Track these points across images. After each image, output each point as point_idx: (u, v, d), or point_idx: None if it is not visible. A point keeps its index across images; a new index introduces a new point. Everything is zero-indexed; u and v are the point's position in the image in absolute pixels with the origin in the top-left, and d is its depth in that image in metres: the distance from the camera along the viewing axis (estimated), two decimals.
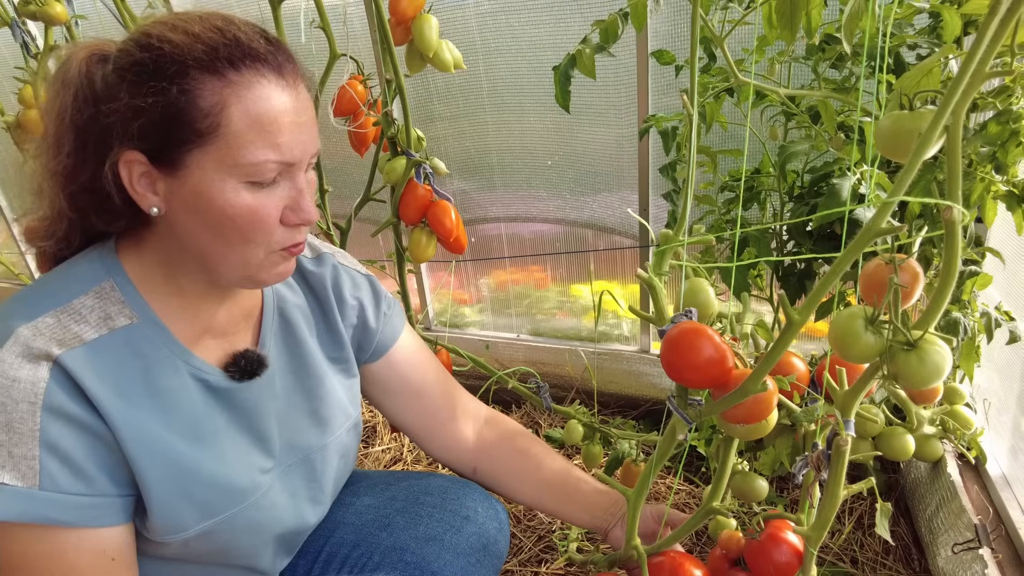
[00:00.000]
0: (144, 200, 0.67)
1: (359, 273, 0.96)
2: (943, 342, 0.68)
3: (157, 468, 0.70)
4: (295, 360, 0.86)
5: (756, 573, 0.86)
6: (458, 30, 1.74)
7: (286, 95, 0.66)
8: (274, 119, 0.65)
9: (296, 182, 0.69)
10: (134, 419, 0.68)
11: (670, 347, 0.79)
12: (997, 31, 0.60)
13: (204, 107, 0.63)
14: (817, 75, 1.21)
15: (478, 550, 0.96)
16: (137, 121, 0.63)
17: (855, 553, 1.40)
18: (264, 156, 0.65)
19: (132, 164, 0.65)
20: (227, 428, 0.77)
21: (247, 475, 0.79)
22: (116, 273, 0.70)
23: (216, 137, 0.63)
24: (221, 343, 0.79)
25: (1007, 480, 1.25)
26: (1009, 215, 1.10)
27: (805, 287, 1.30)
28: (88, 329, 0.66)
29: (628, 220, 1.87)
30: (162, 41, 0.63)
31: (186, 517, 0.73)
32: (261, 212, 0.67)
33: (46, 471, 0.63)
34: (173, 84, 0.62)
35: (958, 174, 0.67)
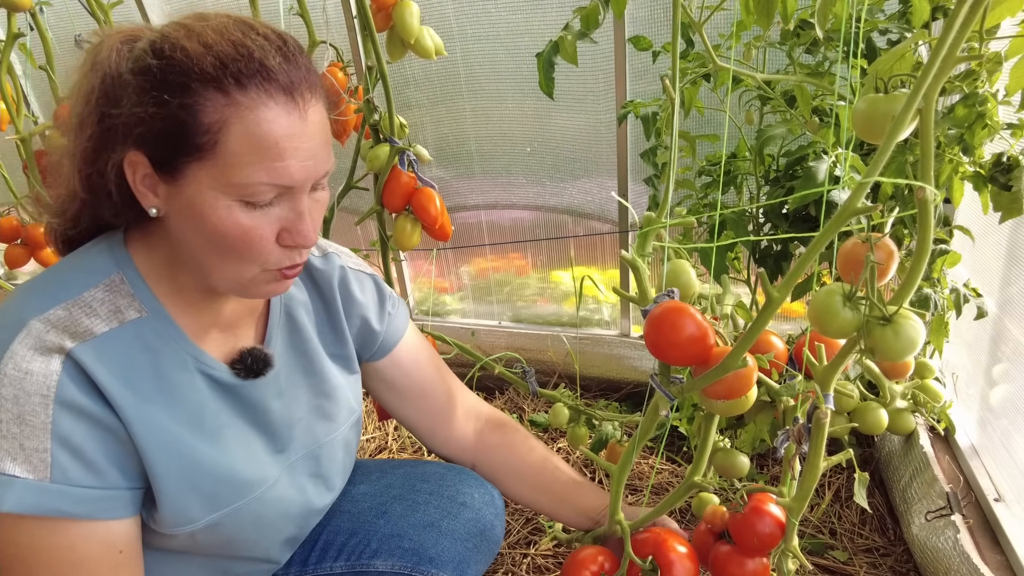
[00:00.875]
0: (145, 200, 0.67)
1: (364, 273, 0.96)
2: (916, 316, 0.71)
3: (166, 461, 0.70)
4: (301, 358, 0.87)
5: (741, 545, 0.89)
6: (434, 16, 1.73)
7: (292, 117, 0.64)
8: (275, 143, 0.63)
9: (296, 204, 0.68)
10: (144, 412, 0.68)
11: (653, 326, 0.81)
12: (966, 18, 0.62)
13: (205, 123, 0.62)
14: (792, 60, 1.24)
15: (475, 535, 0.97)
16: (140, 127, 0.63)
17: (833, 525, 1.44)
18: (259, 178, 0.64)
19: (137, 165, 0.65)
20: (233, 422, 0.78)
21: (253, 468, 0.79)
22: (125, 266, 0.70)
23: (214, 154, 0.63)
24: (227, 338, 0.79)
25: (976, 450, 1.30)
26: (976, 195, 1.14)
27: (781, 268, 1.33)
28: (99, 322, 0.67)
29: (606, 206, 1.89)
30: (174, 50, 0.62)
31: (194, 510, 0.73)
32: (253, 233, 0.66)
33: (57, 464, 0.63)
34: (175, 97, 0.62)
35: (930, 155, 0.70)
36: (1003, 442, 1.21)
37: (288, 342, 0.85)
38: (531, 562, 1.43)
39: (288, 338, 0.85)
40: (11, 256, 1.81)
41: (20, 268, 1.87)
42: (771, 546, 0.86)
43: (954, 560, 1.10)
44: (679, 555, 0.88)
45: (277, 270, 0.70)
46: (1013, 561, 1.06)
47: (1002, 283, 1.24)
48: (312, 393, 0.88)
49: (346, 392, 0.93)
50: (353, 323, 0.93)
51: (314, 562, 0.97)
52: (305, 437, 0.87)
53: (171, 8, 2.02)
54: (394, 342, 0.99)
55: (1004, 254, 1.22)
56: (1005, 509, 1.14)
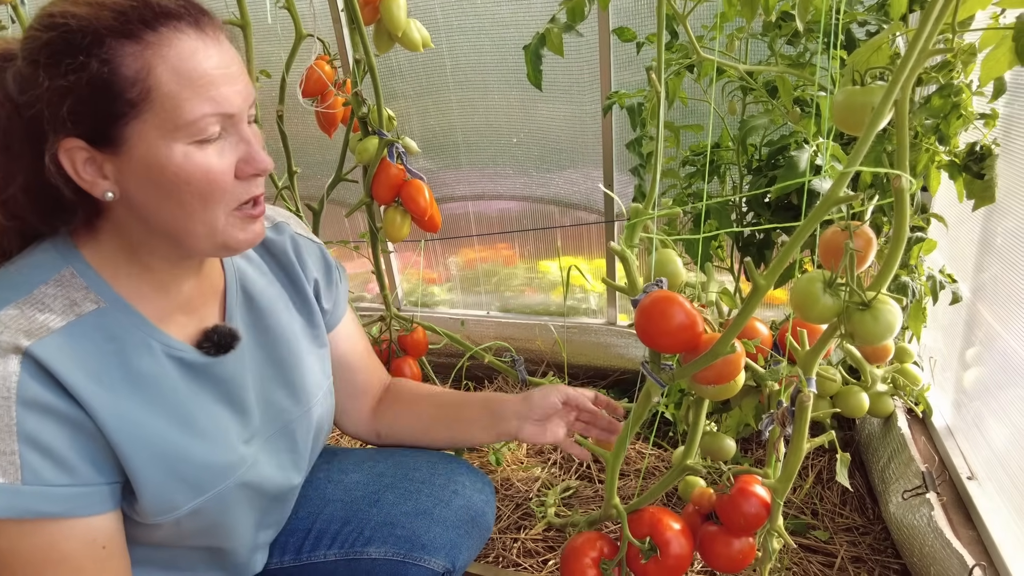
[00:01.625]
0: (96, 187, 0.64)
1: (311, 242, 0.95)
2: (894, 301, 0.74)
3: (142, 451, 0.69)
4: (262, 334, 0.85)
5: (727, 525, 0.92)
6: (420, 7, 1.73)
7: (210, 47, 0.64)
8: (204, 72, 0.63)
9: (241, 133, 0.68)
10: (114, 404, 0.67)
11: (644, 315, 0.83)
12: (940, 11, 0.65)
13: (129, 75, 0.60)
14: (773, 51, 1.26)
15: (466, 522, 0.99)
16: (65, 103, 0.60)
17: (815, 505, 1.49)
18: (202, 110, 0.63)
19: (73, 152, 0.63)
20: (207, 404, 0.77)
21: (232, 450, 0.79)
22: (74, 260, 0.68)
23: (150, 103, 0.61)
24: (191, 320, 0.78)
25: (951, 430, 1.34)
26: (952, 183, 1.17)
27: (765, 256, 1.36)
28: (54, 317, 0.64)
29: (592, 196, 1.91)
30: (67, 17, 0.60)
31: (176, 497, 0.73)
32: (214, 170, 0.65)
33: (28, 465, 0.62)
34: (91, 56, 0.59)
35: (906, 145, 0.72)
36: (976, 423, 1.25)
37: (248, 318, 0.84)
38: (521, 546, 1.46)
39: (247, 313, 0.84)
40: None
41: None
42: (757, 526, 0.89)
43: (928, 536, 1.14)
44: (675, 533, 0.91)
45: (242, 211, 0.69)
46: (984, 536, 1.10)
47: (975, 269, 1.28)
48: (279, 367, 0.86)
49: (314, 365, 0.91)
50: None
51: (308, 551, 0.98)
52: (277, 413, 0.86)
53: None
54: (340, 316, 0.99)
55: (977, 241, 1.26)
56: (977, 487, 1.18)
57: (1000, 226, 1.19)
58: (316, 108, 1.26)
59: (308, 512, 1.00)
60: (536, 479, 1.66)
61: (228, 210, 0.68)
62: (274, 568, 0.99)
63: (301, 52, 1.22)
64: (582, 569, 0.94)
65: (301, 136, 1.95)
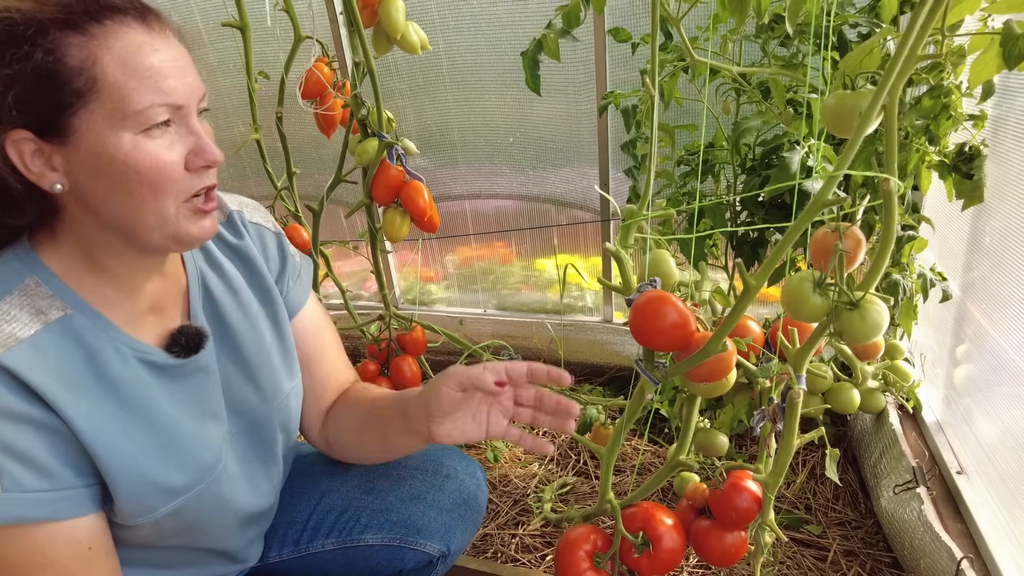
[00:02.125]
0: (44, 179, 0.64)
1: (271, 232, 0.93)
2: (881, 301, 0.76)
3: (116, 455, 0.69)
4: (226, 331, 0.84)
5: (720, 519, 0.94)
6: (416, 8, 1.75)
7: (157, 41, 0.65)
8: (151, 63, 0.64)
9: (191, 126, 0.68)
10: (87, 409, 0.67)
11: (638, 314, 0.85)
12: (927, 19, 0.67)
13: (75, 65, 0.61)
14: (766, 53, 1.28)
15: (459, 506, 1.01)
16: (10, 93, 0.60)
17: (808, 500, 1.51)
18: (149, 100, 0.63)
19: (20, 143, 0.62)
20: (180, 406, 0.76)
21: (207, 450, 0.79)
22: (37, 269, 0.68)
23: (97, 93, 0.62)
24: (157, 321, 0.77)
25: (941, 426, 1.36)
26: (942, 183, 1.19)
27: (758, 254, 1.38)
28: (21, 327, 0.65)
29: (588, 195, 1.92)
30: (10, 10, 0.61)
31: (153, 500, 0.73)
32: (163, 159, 0.66)
33: (7, 473, 0.62)
34: (36, 47, 0.60)
35: (894, 148, 0.74)
36: (965, 418, 1.27)
37: (210, 315, 0.83)
38: (519, 542, 1.48)
39: (210, 311, 0.83)
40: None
41: None
42: (749, 520, 0.91)
43: (918, 530, 1.16)
44: (667, 528, 0.93)
45: (193, 203, 0.70)
46: (972, 529, 1.12)
47: (965, 268, 1.30)
48: (244, 365, 0.86)
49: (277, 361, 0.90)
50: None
51: (306, 541, 1.00)
52: (243, 410, 0.86)
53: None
54: (297, 307, 0.95)
55: (967, 240, 1.28)
56: (966, 481, 1.21)
57: (989, 225, 1.21)
58: (315, 110, 1.27)
59: (306, 504, 1.01)
60: (534, 475, 1.68)
61: (178, 202, 0.68)
62: (273, 561, 1.01)
63: (300, 54, 1.24)
64: (576, 562, 0.96)
65: (298, 135, 1.97)
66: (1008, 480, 1.09)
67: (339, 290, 1.60)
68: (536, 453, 0.76)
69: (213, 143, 0.70)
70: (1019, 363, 1.08)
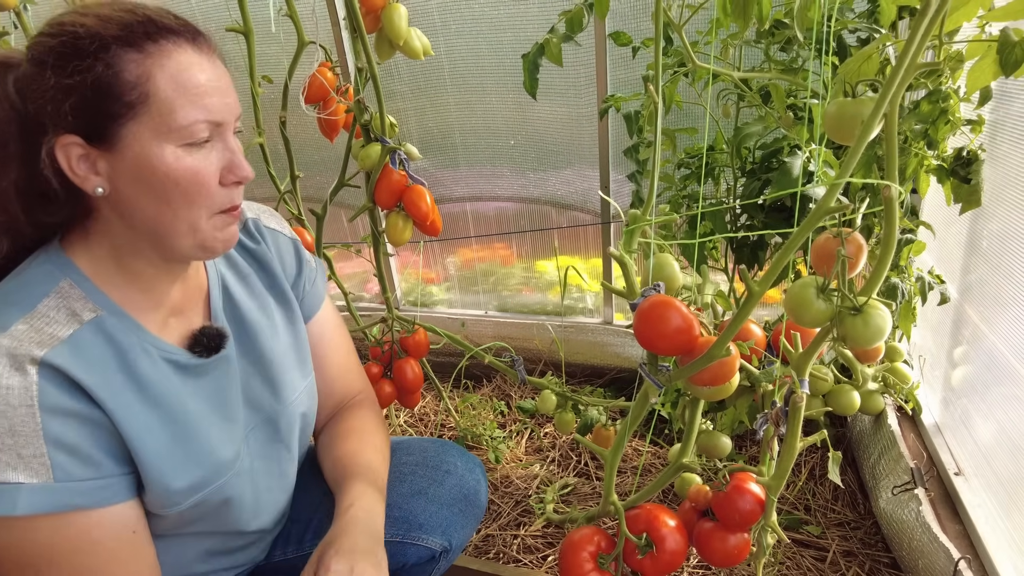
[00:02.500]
0: (87, 182, 0.68)
1: (287, 237, 0.97)
2: (884, 306, 0.77)
3: (147, 449, 0.73)
4: (243, 331, 0.88)
5: (723, 521, 0.95)
6: (418, 11, 1.75)
7: (204, 62, 0.70)
8: (198, 82, 0.69)
9: (228, 143, 0.73)
10: (122, 404, 0.71)
11: (642, 318, 0.86)
12: (927, 29, 0.68)
13: (130, 80, 0.66)
14: (768, 58, 1.29)
15: (460, 500, 1.02)
16: (68, 101, 0.65)
17: (808, 501, 1.52)
18: (194, 116, 0.68)
19: (69, 147, 0.67)
20: (201, 404, 0.81)
21: (228, 445, 0.83)
22: (70, 271, 0.72)
23: (147, 107, 0.66)
24: (180, 322, 0.81)
25: (939, 428, 1.38)
26: (940, 186, 1.20)
27: (758, 257, 1.39)
28: (60, 328, 0.69)
29: (588, 196, 1.93)
30: (76, 25, 0.65)
31: (177, 493, 0.77)
32: (202, 172, 0.70)
33: (57, 464, 0.66)
34: (97, 60, 0.65)
35: (895, 155, 0.75)
36: (963, 420, 1.28)
37: (230, 315, 0.87)
38: (521, 543, 1.49)
39: (230, 312, 0.87)
40: None
41: None
42: (752, 522, 0.92)
43: (916, 531, 1.18)
44: (670, 529, 0.94)
45: (223, 212, 0.74)
46: (970, 530, 1.14)
47: (962, 271, 1.31)
48: (260, 365, 0.89)
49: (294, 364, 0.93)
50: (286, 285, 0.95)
51: (310, 539, 1.01)
52: (259, 408, 0.89)
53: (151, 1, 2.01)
54: (312, 310, 0.99)
55: (965, 243, 1.30)
56: (964, 482, 1.22)
57: (986, 229, 1.22)
58: (319, 115, 1.28)
59: (310, 502, 1.02)
60: (535, 476, 1.69)
61: (210, 214, 0.73)
62: (278, 560, 1.01)
63: (303, 58, 1.24)
64: (580, 563, 0.97)
65: (299, 137, 1.97)
66: (1005, 482, 1.11)
67: (342, 292, 1.61)
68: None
69: (245, 161, 0.74)
70: (1016, 365, 1.09)
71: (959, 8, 0.88)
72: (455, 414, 1.88)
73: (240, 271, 0.90)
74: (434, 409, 2.02)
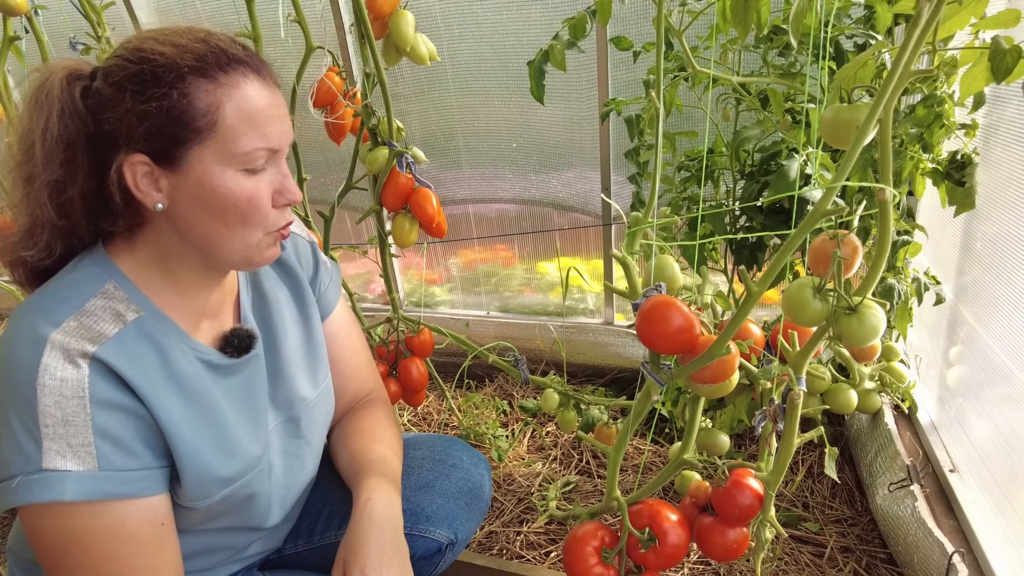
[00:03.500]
0: (148, 198, 0.73)
1: (305, 240, 1.01)
2: (878, 306, 0.79)
3: (187, 442, 0.77)
4: (268, 333, 0.92)
5: (723, 516, 0.97)
6: (422, 15, 1.78)
7: (267, 91, 0.75)
8: (261, 112, 0.73)
9: (280, 167, 0.78)
10: (162, 399, 0.75)
11: (644, 318, 0.88)
12: (920, 37, 0.70)
13: (201, 108, 0.70)
14: (766, 63, 1.31)
15: (465, 494, 1.05)
16: (143, 125, 0.70)
17: (806, 499, 1.54)
18: (255, 145, 0.73)
19: (136, 166, 0.71)
20: (232, 402, 0.84)
21: (255, 442, 0.86)
22: (114, 274, 0.76)
23: (213, 133, 0.71)
24: (212, 324, 0.85)
25: (935, 426, 1.40)
26: (935, 188, 1.23)
27: (756, 258, 1.41)
28: (107, 326, 0.73)
29: (589, 198, 1.95)
30: (155, 53, 0.70)
31: (210, 486, 0.81)
32: (257, 196, 0.75)
33: (102, 454, 0.70)
34: (173, 89, 0.69)
35: (889, 159, 0.78)
36: (958, 418, 1.31)
37: (257, 316, 0.92)
38: (524, 539, 1.51)
39: (257, 313, 0.92)
40: None
41: None
42: (751, 516, 0.94)
43: (912, 526, 1.20)
44: (672, 524, 0.97)
45: (274, 231, 0.79)
46: (964, 525, 1.16)
47: (958, 272, 1.34)
48: (281, 364, 0.93)
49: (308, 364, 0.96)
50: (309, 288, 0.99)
51: (320, 532, 1.04)
52: (281, 405, 0.93)
53: (159, 5, 2.04)
54: (328, 310, 1.03)
55: (959, 245, 1.32)
56: (959, 479, 1.25)
57: (980, 231, 1.25)
58: (326, 119, 1.30)
59: (320, 496, 1.05)
60: (537, 474, 1.71)
61: (263, 233, 0.78)
62: (289, 553, 1.04)
63: (310, 62, 1.27)
64: (584, 557, 0.99)
65: (304, 139, 2.00)
66: (999, 479, 1.13)
67: (347, 293, 1.63)
68: None
69: (295, 185, 0.79)
70: (1009, 365, 1.12)
71: (952, 16, 0.91)
72: (458, 413, 1.90)
73: (265, 273, 0.94)
74: (437, 408, 2.05)
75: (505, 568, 1.33)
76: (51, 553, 0.72)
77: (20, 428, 0.68)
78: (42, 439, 0.68)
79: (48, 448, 0.68)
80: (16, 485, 0.68)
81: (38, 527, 0.71)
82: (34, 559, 0.86)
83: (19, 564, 0.89)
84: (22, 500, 0.68)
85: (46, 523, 0.70)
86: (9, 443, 0.68)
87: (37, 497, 0.68)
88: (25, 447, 0.68)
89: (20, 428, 0.68)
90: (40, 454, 0.68)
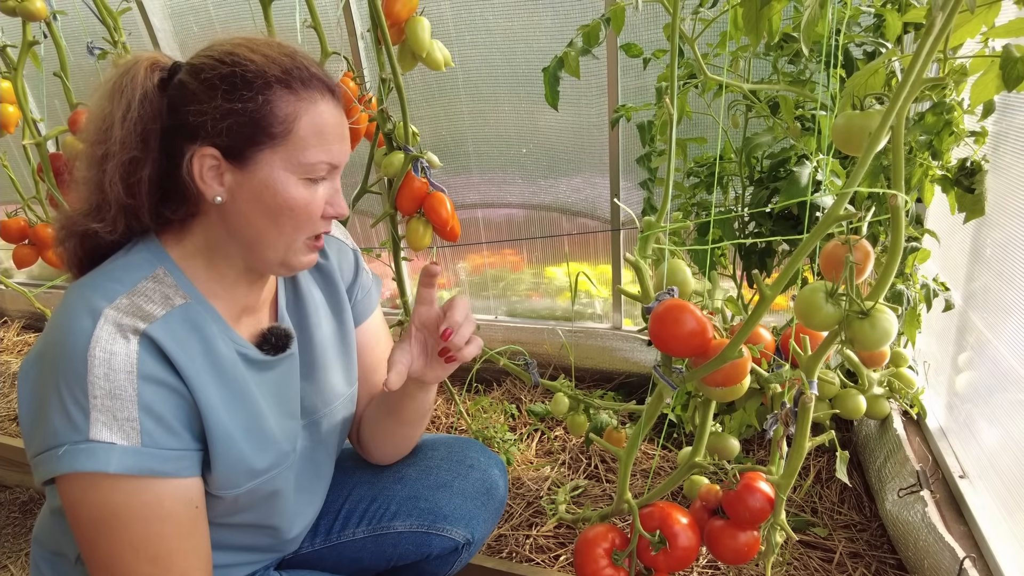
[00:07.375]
0: (209, 190, 0.77)
1: (347, 245, 1.04)
2: (890, 310, 0.80)
3: (223, 427, 0.79)
4: (302, 332, 0.95)
5: (734, 519, 0.97)
6: (434, 22, 1.78)
7: (337, 111, 0.81)
8: (330, 129, 0.79)
9: (335, 182, 0.83)
10: (204, 383, 0.77)
11: (657, 321, 0.89)
12: (932, 46, 0.71)
13: (280, 116, 0.76)
14: (776, 70, 1.32)
15: (482, 493, 1.07)
16: (226, 122, 0.74)
17: (815, 504, 1.55)
18: (319, 158, 0.78)
19: (205, 158, 0.75)
20: (266, 397, 0.87)
21: (286, 438, 0.89)
22: (164, 261, 0.80)
23: (286, 140, 0.76)
24: (251, 321, 0.88)
25: (944, 432, 1.40)
26: (945, 195, 1.24)
27: (765, 264, 1.42)
28: (156, 308, 0.76)
29: (597, 203, 1.97)
30: (247, 60, 0.76)
31: (240, 476, 0.83)
32: (313, 204, 0.80)
33: (146, 430, 0.72)
34: (259, 94, 0.75)
35: (901, 165, 0.79)
36: (967, 424, 1.31)
37: (294, 317, 0.95)
38: (533, 542, 1.52)
39: (295, 313, 0.95)
40: (19, 256, 1.85)
41: (28, 267, 1.91)
42: (762, 520, 0.95)
43: (922, 532, 1.20)
44: (683, 526, 0.97)
45: (312, 241, 0.83)
46: (975, 531, 1.16)
47: (967, 278, 1.34)
48: (312, 367, 0.95)
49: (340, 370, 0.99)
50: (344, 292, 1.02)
51: (338, 530, 1.05)
52: (307, 406, 0.95)
53: (172, 11, 2.06)
54: (362, 319, 1.05)
55: (968, 251, 1.33)
56: (968, 485, 1.25)
57: (990, 237, 1.25)
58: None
59: (338, 494, 1.07)
60: (546, 478, 1.72)
61: (305, 238, 0.82)
62: (306, 552, 1.05)
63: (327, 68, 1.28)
64: (595, 559, 1.00)
65: None
66: (1009, 484, 1.13)
67: None
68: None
69: (343, 199, 0.84)
70: (1019, 371, 1.12)
71: (963, 25, 0.92)
72: (466, 417, 1.91)
73: (305, 276, 0.97)
74: (445, 412, 2.06)
75: (515, 571, 1.34)
76: (90, 528, 0.73)
77: (69, 398, 0.70)
78: (90, 410, 0.69)
79: (95, 419, 0.70)
80: (63, 453, 0.69)
81: (79, 499, 0.72)
82: (59, 550, 0.88)
83: (44, 555, 0.90)
84: (67, 468, 0.70)
85: (88, 496, 0.72)
86: (58, 412, 0.70)
87: (83, 466, 0.69)
88: (74, 416, 0.69)
89: (69, 398, 0.70)
90: (88, 424, 0.69)
